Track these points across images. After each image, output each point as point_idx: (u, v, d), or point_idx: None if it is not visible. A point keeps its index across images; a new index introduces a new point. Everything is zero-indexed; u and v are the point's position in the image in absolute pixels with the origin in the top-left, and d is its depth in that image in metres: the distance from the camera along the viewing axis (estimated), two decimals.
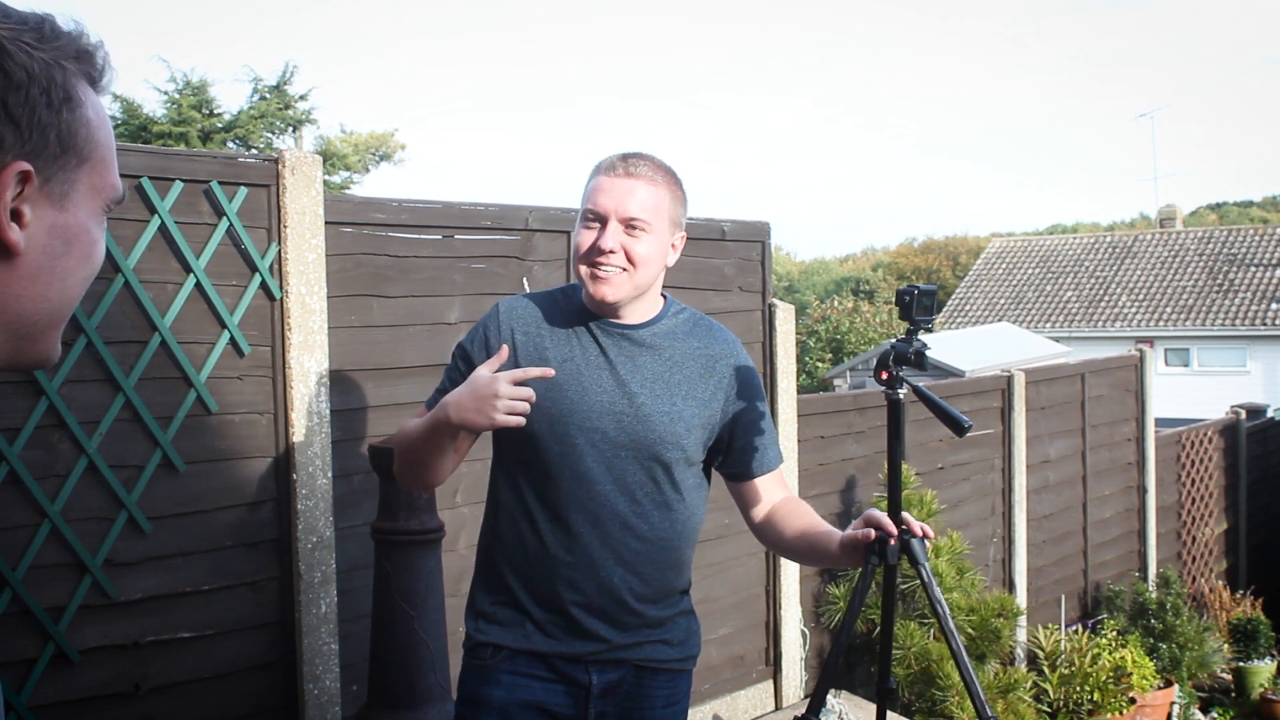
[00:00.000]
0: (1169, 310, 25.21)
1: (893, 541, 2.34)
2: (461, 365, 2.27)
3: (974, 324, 25.49)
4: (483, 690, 2.26)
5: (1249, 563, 9.95)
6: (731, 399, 2.31)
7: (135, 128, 19.49)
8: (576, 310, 2.26)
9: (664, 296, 2.34)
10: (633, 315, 2.25)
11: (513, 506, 2.27)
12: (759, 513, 2.38)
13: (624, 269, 2.16)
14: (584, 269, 2.17)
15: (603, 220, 2.15)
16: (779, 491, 2.39)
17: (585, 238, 2.16)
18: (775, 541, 2.40)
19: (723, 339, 2.34)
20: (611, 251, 2.13)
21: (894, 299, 2.54)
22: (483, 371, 2.08)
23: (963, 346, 11.66)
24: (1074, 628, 6.94)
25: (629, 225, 2.15)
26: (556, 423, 2.19)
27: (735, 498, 2.42)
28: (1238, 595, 8.72)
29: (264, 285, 3.35)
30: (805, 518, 2.33)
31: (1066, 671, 6.16)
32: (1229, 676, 7.96)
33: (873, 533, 2.24)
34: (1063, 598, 7.38)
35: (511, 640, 2.26)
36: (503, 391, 2.02)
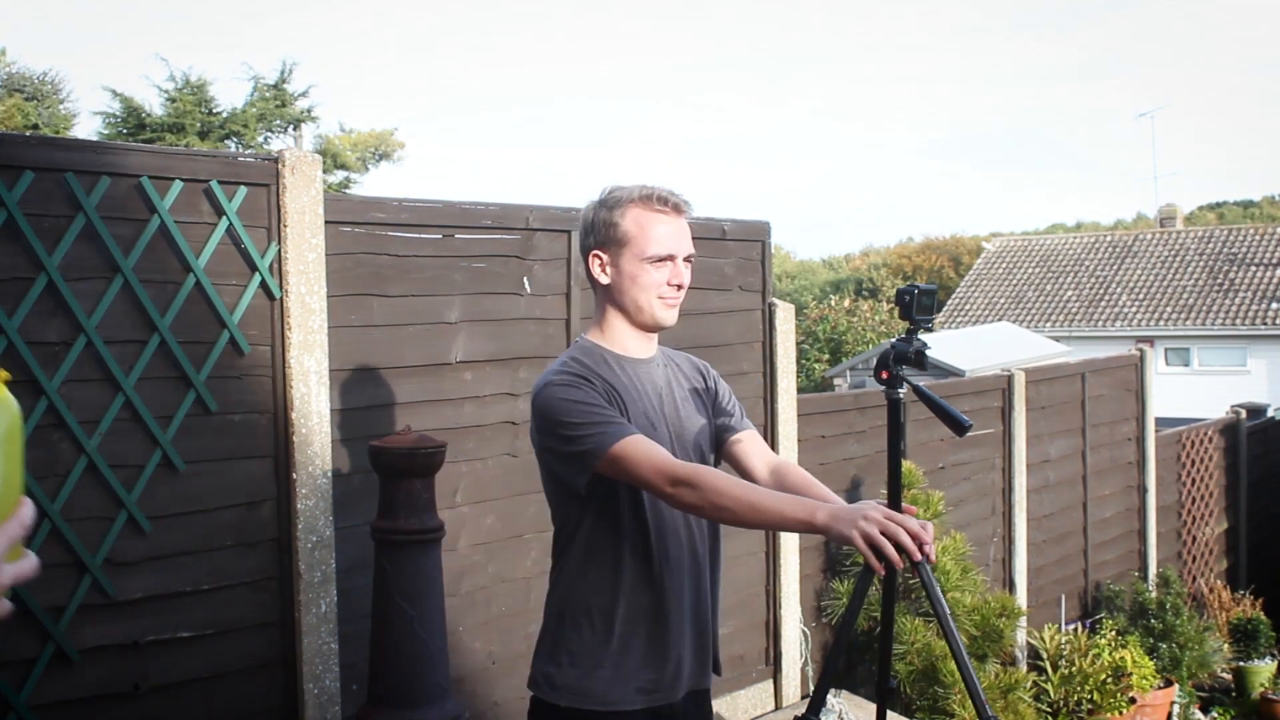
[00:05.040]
0: (1169, 310, 25.19)
1: None
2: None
3: (974, 324, 25.48)
4: None
5: (1249, 563, 9.94)
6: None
7: (134, 125, 19.49)
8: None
9: None
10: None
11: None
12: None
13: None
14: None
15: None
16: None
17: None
18: None
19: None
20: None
21: (894, 298, 2.54)
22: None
23: (963, 346, 11.64)
24: (1073, 627, 6.94)
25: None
26: None
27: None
28: (1238, 595, 8.71)
29: (264, 285, 3.35)
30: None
31: (1067, 671, 6.16)
32: (1229, 676, 7.96)
33: None
34: (1063, 597, 7.38)
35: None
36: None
